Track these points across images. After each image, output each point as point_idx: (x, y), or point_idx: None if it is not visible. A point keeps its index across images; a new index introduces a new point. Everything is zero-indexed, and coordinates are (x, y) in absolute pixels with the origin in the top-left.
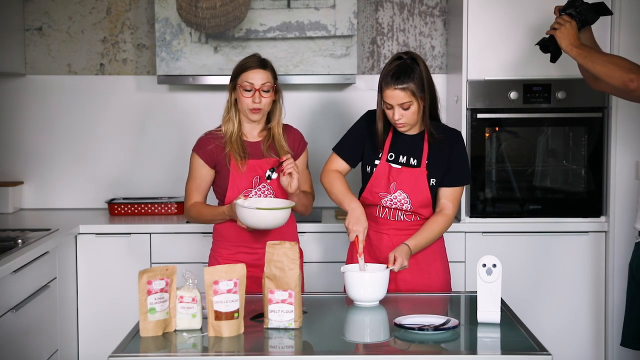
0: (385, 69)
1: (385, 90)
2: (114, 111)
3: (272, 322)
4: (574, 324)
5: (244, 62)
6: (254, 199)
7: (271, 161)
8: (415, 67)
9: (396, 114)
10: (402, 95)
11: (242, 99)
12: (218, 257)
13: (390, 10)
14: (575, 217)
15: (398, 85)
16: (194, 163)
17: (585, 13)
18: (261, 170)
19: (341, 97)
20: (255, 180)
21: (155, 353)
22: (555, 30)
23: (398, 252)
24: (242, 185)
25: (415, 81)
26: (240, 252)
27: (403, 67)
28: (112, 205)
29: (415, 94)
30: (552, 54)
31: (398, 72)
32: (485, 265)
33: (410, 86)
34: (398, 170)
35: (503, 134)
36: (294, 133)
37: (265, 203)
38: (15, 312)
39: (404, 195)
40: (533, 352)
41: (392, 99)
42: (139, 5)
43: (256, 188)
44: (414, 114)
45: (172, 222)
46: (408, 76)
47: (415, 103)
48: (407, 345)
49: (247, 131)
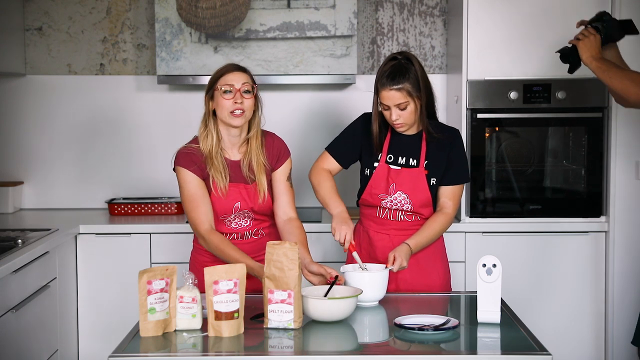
0: (380, 70)
1: (381, 92)
2: (114, 111)
3: (272, 322)
4: (574, 324)
5: (220, 69)
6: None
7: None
8: (410, 67)
9: (393, 114)
10: (398, 95)
11: (223, 103)
12: (200, 262)
13: (390, 10)
14: (575, 217)
15: (394, 86)
16: (185, 180)
17: (611, 28)
18: (240, 197)
19: (341, 97)
20: (235, 207)
21: (155, 353)
22: (579, 40)
23: (398, 252)
24: (222, 211)
25: (411, 81)
26: (222, 262)
27: (398, 68)
28: (112, 205)
29: (411, 94)
30: (571, 65)
31: (393, 73)
32: (485, 265)
33: (406, 86)
34: (397, 171)
35: (503, 134)
36: (276, 143)
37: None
38: (15, 312)
39: (404, 196)
40: (533, 352)
41: (388, 100)
42: (139, 5)
43: (235, 214)
44: (411, 114)
45: (172, 222)
46: (403, 76)
47: (412, 103)
48: (407, 346)
49: (227, 147)
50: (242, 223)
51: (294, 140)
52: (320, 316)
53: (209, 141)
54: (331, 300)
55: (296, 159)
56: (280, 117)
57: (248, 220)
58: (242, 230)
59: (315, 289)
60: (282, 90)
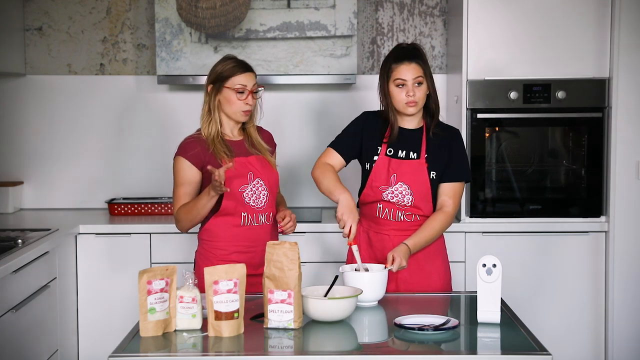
0: (391, 53)
1: (397, 68)
2: (114, 111)
3: (272, 322)
4: (574, 324)
5: (229, 64)
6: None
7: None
8: (421, 51)
9: (410, 89)
10: (416, 68)
11: (234, 102)
12: (212, 257)
13: (390, 10)
14: (576, 217)
15: (412, 60)
16: (180, 168)
17: None
18: (251, 166)
19: (341, 97)
20: (249, 176)
21: (155, 353)
22: None
23: (397, 252)
24: (238, 182)
25: (423, 60)
26: (235, 251)
27: (410, 49)
28: (112, 205)
29: (425, 72)
30: None
31: (407, 51)
32: (485, 265)
33: (421, 63)
34: (398, 162)
35: (503, 134)
36: (267, 133)
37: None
38: (15, 312)
39: (405, 186)
40: (533, 352)
41: (407, 72)
42: (139, 5)
43: (251, 184)
44: (423, 94)
45: (172, 222)
46: (417, 55)
47: (425, 82)
48: (406, 346)
49: (227, 131)
50: (258, 201)
51: (293, 140)
52: (320, 316)
53: (212, 128)
54: (331, 300)
55: (296, 158)
56: (280, 117)
57: (263, 196)
58: (258, 213)
59: (315, 289)
60: (282, 90)
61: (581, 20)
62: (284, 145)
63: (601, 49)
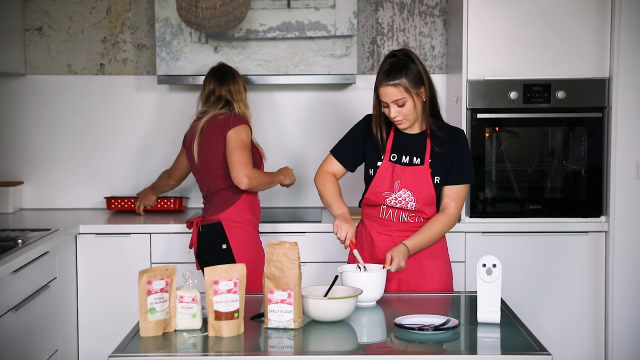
0: (380, 68)
1: (379, 89)
2: (114, 111)
3: (272, 322)
4: (574, 324)
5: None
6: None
7: None
8: (409, 63)
9: (392, 111)
10: (394, 91)
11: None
12: (256, 238)
13: (390, 10)
14: (576, 217)
15: (390, 81)
16: (249, 135)
17: None
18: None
19: (341, 97)
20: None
21: (155, 353)
22: None
23: (395, 252)
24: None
25: (409, 77)
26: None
27: (395, 64)
28: (110, 200)
29: (409, 90)
30: None
31: (390, 69)
32: (485, 265)
33: (403, 82)
34: (402, 169)
35: (503, 134)
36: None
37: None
38: (15, 312)
39: (409, 193)
40: (533, 352)
41: (385, 96)
42: (139, 5)
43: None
44: (410, 111)
45: (172, 222)
46: (400, 72)
47: (409, 100)
48: (406, 345)
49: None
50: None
51: (293, 140)
52: (320, 316)
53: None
54: (331, 300)
55: (296, 158)
56: (280, 117)
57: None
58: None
59: (315, 289)
60: (282, 90)
61: (581, 20)
62: (284, 145)
63: (601, 49)
